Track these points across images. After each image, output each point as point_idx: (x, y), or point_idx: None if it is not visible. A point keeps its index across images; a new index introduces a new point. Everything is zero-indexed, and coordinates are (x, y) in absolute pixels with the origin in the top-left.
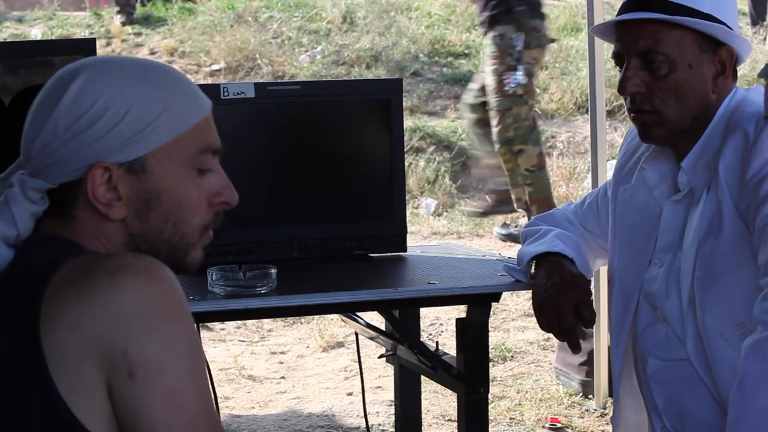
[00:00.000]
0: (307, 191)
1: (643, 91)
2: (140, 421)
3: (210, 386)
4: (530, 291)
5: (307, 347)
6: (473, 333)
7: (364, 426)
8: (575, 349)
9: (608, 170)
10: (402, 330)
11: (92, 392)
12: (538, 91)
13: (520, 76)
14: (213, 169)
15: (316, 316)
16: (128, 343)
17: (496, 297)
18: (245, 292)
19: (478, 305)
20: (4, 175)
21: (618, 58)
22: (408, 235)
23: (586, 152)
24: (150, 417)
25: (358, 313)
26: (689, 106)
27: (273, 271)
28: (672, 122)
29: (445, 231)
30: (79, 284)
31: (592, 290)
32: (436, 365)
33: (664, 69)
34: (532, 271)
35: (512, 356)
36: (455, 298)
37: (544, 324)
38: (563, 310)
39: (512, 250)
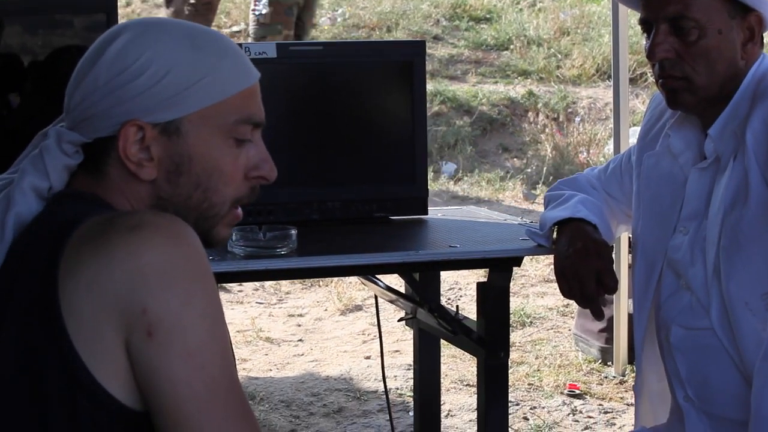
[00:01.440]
0: (328, 153)
1: (672, 57)
2: (159, 381)
3: (231, 347)
4: (550, 257)
5: (325, 310)
6: (494, 297)
7: (382, 389)
8: (598, 316)
9: (630, 136)
10: (422, 293)
11: (110, 352)
12: (560, 56)
13: (261, 5)
14: (253, 141)
15: (335, 279)
16: (147, 302)
17: (518, 261)
18: (265, 252)
19: (500, 269)
20: (45, 130)
21: (645, 24)
22: (428, 199)
23: (607, 118)
24: (169, 377)
25: (378, 276)
26: (718, 73)
27: (293, 232)
28: (701, 89)
29: (464, 195)
30: (98, 242)
31: (615, 257)
32: (456, 329)
33: (694, 35)
34: (554, 236)
35: (531, 322)
36: (476, 262)
37: (566, 291)
38: (585, 277)
39: (532, 216)
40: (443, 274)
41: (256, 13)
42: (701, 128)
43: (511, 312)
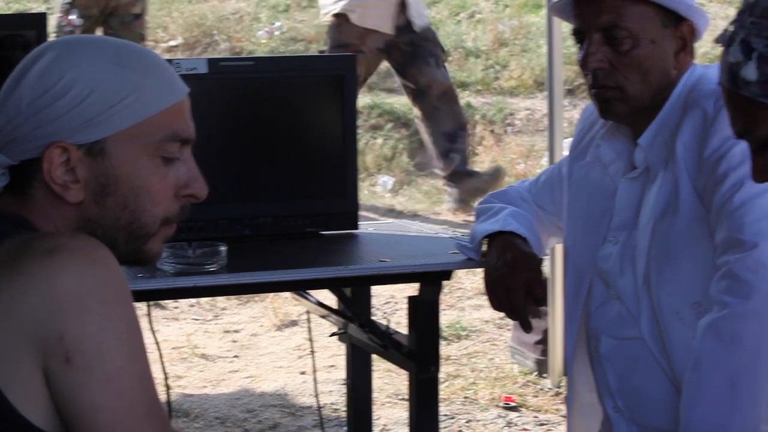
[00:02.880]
0: (258, 168)
1: (605, 66)
2: (80, 407)
3: (150, 370)
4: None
5: (261, 326)
6: (424, 311)
7: (317, 405)
8: (526, 328)
9: (565, 148)
10: (353, 308)
11: (28, 378)
12: (497, 68)
13: (73, 18)
14: (182, 159)
15: (270, 295)
16: (64, 329)
17: (447, 275)
18: (194, 269)
19: (429, 283)
20: None
21: (578, 34)
22: (365, 213)
23: (545, 130)
24: (89, 403)
25: (310, 291)
26: (651, 83)
27: (223, 248)
28: (634, 99)
29: (402, 208)
30: (13, 266)
31: (549, 269)
32: (386, 343)
33: (627, 44)
34: (485, 249)
35: (467, 335)
36: (406, 276)
37: (496, 303)
38: (514, 290)
39: (470, 229)
40: (379, 289)
41: (70, 27)
42: (631, 138)
43: (447, 325)
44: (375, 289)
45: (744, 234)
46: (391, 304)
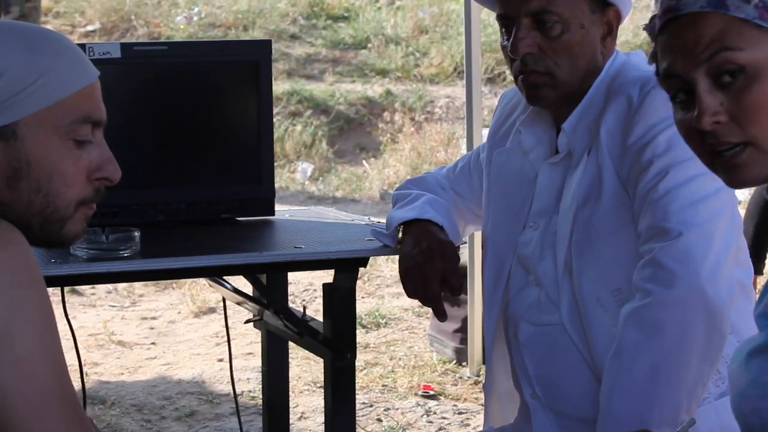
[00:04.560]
0: (173, 154)
1: (535, 51)
2: None
3: (62, 355)
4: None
5: (179, 313)
6: (340, 298)
7: (234, 393)
8: (441, 317)
9: (484, 136)
10: (268, 295)
11: None
12: (418, 55)
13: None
14: (94, 142)
15: (188, 281)
16: None
17: (363, 262)
18: (108, 255)
19: (345, 270)
20: None
21: (504, 19)
22: (284, 200)
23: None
24: None
25: (227, 278)
26: (580, 68)
27: (136, 234)
28: (563, 84)
29: (321, 195)
30: None
31: (467, 256)
32: (302, 331)
33: (557, 29)
34: (400, 235)
35: (386, 323)
36: (321, 263)
37: (411, 290)
38: (429, 278)
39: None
40: (300, 276)
41: None
42: (553, 124)
43: (366, 313)
44: (296, 277)
45: (669, 222)
46: (310, 292)
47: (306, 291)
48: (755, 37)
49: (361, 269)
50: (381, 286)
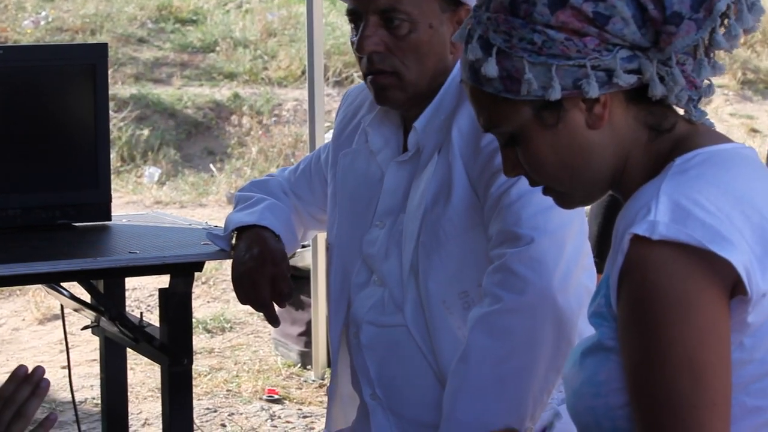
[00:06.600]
0: (8, 158)
1: (382, 50)
2: None
3: None
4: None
5: (23, 320)
6: (176, 303)
7: (77, 401)
8: (274, 322)
9: (328, 138)
10: (103, 301)
11: None
12: (266, 58)
13: None
14: None
15: (33, 289)
16: None
17: (199, 266)
18: None
19: (180, 275)
20: None
21: (354, 15)
22: (131, 205)
23: None
24: None
25: (64, 285)
26: (428, 68)
27: None
28: (411, 85)
29: (168, 200)
30: None
31: (311, 260)
32: (137, 336)
33: (405, 28)
34: (234, 241)
35: (231, 327)
36: (156, 268)
37: (242, 297)
38: (260, 284)
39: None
40: (145, 281)
41: None
42: (401, 124)
43: (210, 317)
44: (141, 282)
45: (521, 228)
46: (155, 297)
47: (151, 296)
48: None
49: (207, 273)
50: (226, 290)
